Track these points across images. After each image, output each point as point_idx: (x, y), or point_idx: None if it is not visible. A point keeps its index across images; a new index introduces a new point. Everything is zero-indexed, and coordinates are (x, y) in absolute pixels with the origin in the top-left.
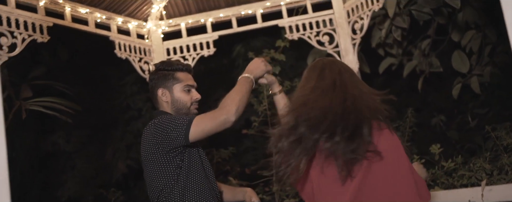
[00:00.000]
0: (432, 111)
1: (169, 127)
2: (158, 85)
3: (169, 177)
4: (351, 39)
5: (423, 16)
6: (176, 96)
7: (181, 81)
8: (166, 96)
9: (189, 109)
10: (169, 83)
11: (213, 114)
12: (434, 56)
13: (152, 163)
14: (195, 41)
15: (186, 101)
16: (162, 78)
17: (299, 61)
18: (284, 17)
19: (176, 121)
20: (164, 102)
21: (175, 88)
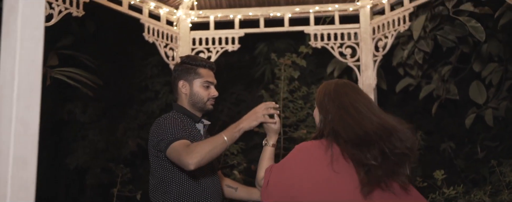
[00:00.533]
0: (443, 136)
1: (159, 134)
2: (180, 77)
3: (166, 170)
4: (373, 56)
5: (447, 43)
6: (195, 90)
7: (202, 77)
8: (185, 88)
9: (205, 104)
10: (190, 77)
11: (183, 152)
12: (453, 83)
13: (152, 156)
14: (221, 35)
15: (203, 96)
16: (185, 71)
17: (319, 68)
18: (311, 25)
19: (166, 132)
20: (183, 94)
21: (195, 83)
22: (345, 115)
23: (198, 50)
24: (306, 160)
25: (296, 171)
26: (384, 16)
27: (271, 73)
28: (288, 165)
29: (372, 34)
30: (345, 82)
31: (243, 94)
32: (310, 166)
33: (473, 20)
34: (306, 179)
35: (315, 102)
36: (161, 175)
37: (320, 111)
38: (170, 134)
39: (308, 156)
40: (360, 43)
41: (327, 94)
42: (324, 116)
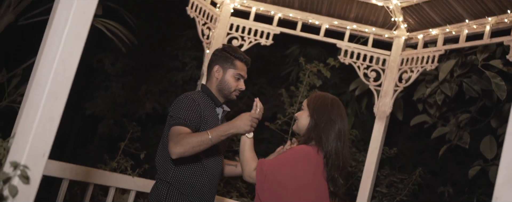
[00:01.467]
0: (445, 179)
1: (174, 110)
2: (217, 61)
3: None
4: (395, 85)
5: (471, 92)
6: (226, 78)
7: (236, 69)
8: (218, 73)
9: (231, 93)
10: (226, 65)
11: (173, 139)
12: (467, 131)
13: (167, 124)
14: (258, 28)
15: (232, 86)
16: (223, 58)
17: (342, 83)
18: (344, 40)
19: (178, 112)
20: (214, 77)
21: (228, 71)
22: (339, 136)
23: (233, 36)
24: (304, 162)
25: (295, 172)
26: (415, 51)
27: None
28: (287, 165)
29: (399, 65)
30: (340, 105)
31: (265, 88)
32: (304, 168)
33: (499, 77)
34: (300, 180)
35: (307, 106)
36: (166, 140)
37: (312, 116)
38: (181, 115)
39: (306, 159)
40: (386, 70)
41: (325, 105)
42: (316, 122)
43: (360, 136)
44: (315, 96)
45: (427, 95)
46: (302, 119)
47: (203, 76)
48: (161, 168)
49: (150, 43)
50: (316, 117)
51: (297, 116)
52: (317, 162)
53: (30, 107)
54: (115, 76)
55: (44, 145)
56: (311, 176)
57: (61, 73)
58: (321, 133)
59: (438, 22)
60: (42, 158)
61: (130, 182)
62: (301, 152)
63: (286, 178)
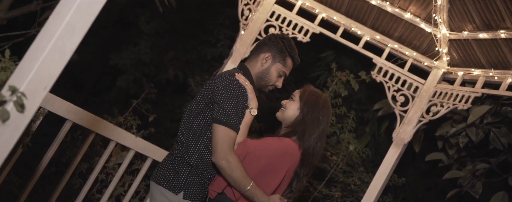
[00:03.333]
0: None
1: (227, 103)
2: (271, 49)
3: (205, 122)
4: (421, 116)
5: (497, 143)
6: (271, 70)
7: (284, 65)
8: (266, 62)
9: (266, 86)
10: (277, 57)
11: (225, 152)
12: (481, 182)
13: (203, 105)
14: (299, 22)
15: (271, 80)
16: (278, 49)
17: (367, 100)
18: (382, 57)
19: (232, 110)
20: (260, 63)
21: (276, 65)
22: (320, 137)
23: (271, 24)
24: (287, 157)
25: (274, 162)
26: (451, 87)
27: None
28: (270, 153)
29: (431, 96)
30: (330, 106)
31: (291, 85)
32: (284, 163)
33: None
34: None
35: (300, 98)
36: (197, 122)
37: (302, 110)
38: (237, 117)
39: (289, 156)
40: (416, 98)
41: (317, 103)
42: (304, 117)
43: (371, 157)
44: (310, 92)
45: (451, 134)
46: (290, 110)
47: (231, 56)
48: (186, 148)
49: (189, 12)
50: (306, 112)
51: (285, 104)
52: (296, 159)
53: (43, 35)
54: (147, 35)
55: (48, 78)
56: (285, 171)
57: (84, 8)
58: (306, 129)
59: (482, 63)
60: (42, 90)
61: (131, 140)
62: (288, 146)
63: (264, 164)
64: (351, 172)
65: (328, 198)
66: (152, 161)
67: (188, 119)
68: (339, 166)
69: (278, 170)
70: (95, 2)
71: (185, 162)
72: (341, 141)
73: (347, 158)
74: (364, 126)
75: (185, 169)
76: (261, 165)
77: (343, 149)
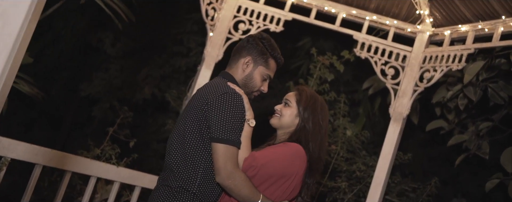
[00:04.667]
0: (458, 190)
1: (223, 119)
2: (250, 53)
3: (201, 141)
4: (415, 85)
5: (496, 99)
6: (254, 74)
7: (268, 68)
8: (248, 67)
9: (252, 92)
10: (259, 60)
11: (230, 170)
12: (487, 141)
13: (195, 121)
14: (269, 12)
15: (256, 85)
16: (258, 52)
17: (355, 81)
18: (362, 32)
19: (231, 125)
20: (241, 69)
21: (259, 68)
22: (323, 140)
23: (240, 19)
24: (298, 163)
25: (285, 168)
26: (441, 48)
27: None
28: (280, 160)
29: (421, 63)
30: (326, 107)
31: (274, 82)
32: (295, 166)
33: None
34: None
35: (297, 104)
36: (194, 143)
37: (302, 117)
38: (234, 131)
39: (299, 159)
40: (406, 68)
41: (316, 107)
42: (305, 125)
43: (370, 138)
44: (306, 96)
45: (448, 99)
46: (287, 116)
47: (204, 61)
48: (185, 175)
49: (154, 25)
50: (306, 119)
51: (280, 111)
52: (305, 163)
53: None
54: (115, 58)
55: None
56: (295, 176)
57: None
58: (309, 136)
59: (468, 18)
60: None
61: (113, 172)
62: (298, 151)
63: (276, 172)
64: (353, 158)
65: (335, 190)
66: (140, 189)
67: (181, 140)
68: (340, 155)
69: (289, 177)
70: (13, 19)
71: (186, 191)
72: (336, 128)
73: (347, 144)
74: (357, 108)
75: (187, 198)
76: (272, 174)
77: (341, 136)
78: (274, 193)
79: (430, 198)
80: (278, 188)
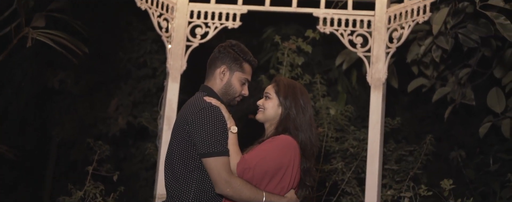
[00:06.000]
0: (453, 143)
1: (206, 134)
2: (224, 61)
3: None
4: (386, 47)
5: (469, 43)
6: (232, 81)
7: (244, 73)
8: (225, 75)
9: (234, 98)
10: (234, 67)
11: (226, 179)
12: (470, 87)
13: (182, 140)
14: (222, 10)
15: (237, 91)
16: (231, 59)
17: (327, 60)
18: (321, 7)
19: (214, 137)
20: (219, 79)
21: (236, 74)
22: (310, 124)
23: (195, 24)
24: (291, 153)
25: (280, 160)
26: (402, 4)
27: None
28: (273, 154)
29: (387, 24)
30: (306, 90)
31: None
32: (288, 157)
33: (502, 17)
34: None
35: (276, 94)
36: (181, 162)
37: (284, 105)
38: (219, 142)
39: (292, 149)
40: (373, 33)
41: (296, 93)
42: (289, 112)
43: (356, 113)
44: (284, 85)
45: (422, 54)
46: (270, 109)
47: (169, 75)
48: (178, 193)
49: (113, 54)
50: (289, 107)
51: (263, 105)
52: (298, 151)
53: None
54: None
55: None
56: (292, 165)
57: None
58: (295, 123)
59: None
60: None
61: None
62: (287, 141)
63: (270, 167)
64: (343, 136)
65: (333, 172)
66: None
67: (170, 161)
68: (329, 136)
69: (287, 168)
70: None
71: None
72: (319, 110)
73: (333, 124)
74: (335, 86)
75: None
76: (266, 170)
77: (325, 117)
78: (276, 187)
79: (428, 157)
80: (279, 181)
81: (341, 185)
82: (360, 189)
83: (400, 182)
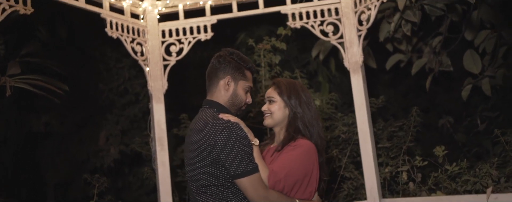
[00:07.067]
0: (440, 112)
1: (235, 154)
2: (227, 72)
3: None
4: (357, 31)
5: (435, 12)
6: (238, 91)
7: (247, 80)
8: (230, 86)
9: (240, 108)
10: (238, 76)
11: (263, 195)
12: (445, 54)
13: (208, 163)
14: (192, 24)
15: (243, 100)
16: (234, 68)
17: (304, 54)
18: (287, 4)
19: (243, 156)
20: (224, 90)
21: (240, 84)
22: (317, 119)
23: (168, 42)
24: (313, 157)
25: (306, 166)
26: None
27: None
28: (299, 162)
29: (354, 8)
30: (306, 88)
31: None
32: (312, 162)
33: None
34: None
35: (280, 96)
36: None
37: (289, 106)
38: (249, 161)
39: (313, 154)
40: (342, 19)
41: (298, 91)
42: (295, 112)
43: (341, 100)
44: (284, 85)
45: (393, 30)
46: (277, 112)
47: (152, 97)
48: None
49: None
50: (294, 106)
51: (268, 110)
52: (316, 153)
53: None
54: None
55: None
56: (317, 170)
57: None
58: (304, 120)
59: None
60: None
61: None
62: (308, 146)
63: (299, 176)
64: (333, 123)
65: (330, 161)
66: None
67: (199, 189)
68: None
69: (312, 172)
70: None
71: None
72: None
73: (321, 114)
74: (316, 77)
75: None
76: (297, 179)
77: None
78: (305, 192)
79: (417, 128)
80: (307, 186)
81: (340, 172)
82: (358, 172)
83: (395, 158)
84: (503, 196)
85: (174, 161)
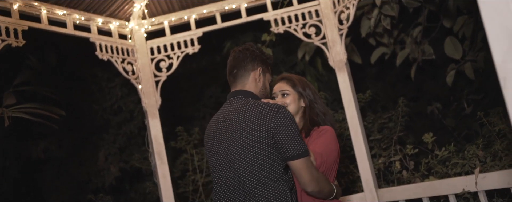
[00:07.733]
0: (428, 99)
1: (294, 137)
2: (257, 64)
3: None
4: (338, 30)
5: (412, 4)
6: (266, 83)
7: (270, 73)
8: (260, 78)
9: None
10: (266, 69)
11: (313, 177)
12: (427, 43)
13: (265, 147)
14: (179, 39)
15: (268, 93)
16: (263, 61)
17: (290, 56)
18: (269, 10)
19: (300, 139)
20: (255, 81)
21: (267, 77)
22: (327, 110)
23: (158, 59)
24: (338, 141)
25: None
26: None
27: None
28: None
29: (333, 8)
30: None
31: (222, 96)
32: (338, 145)
33: None
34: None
35: (294, 89)
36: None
37: (303, 96)
38: (303, 141)
39: (336, 138)
40: (323, 20)
41: (305, 82)
42: (310, 101)
43: (331, 98)
44: (296, 78)
45: (374, 26)
46: (292, 103)
47: (147, 113)
48: (278, 199)
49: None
50: (309, 95)
51: (284, 102)
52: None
53: None
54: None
55: None
56: (340, 152)
57: None
58: (319, 109)
59: None
60: None
61: None
62: (332, 131)
63: (334, 159)
64: None
65: None
66: None
67: (250, 175)
68: None
69: (338, 156)
70: None
71: None
72: None
73: None
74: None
75: None
76: (332, 162)
77: None
78: (331, 175)
79: (406, 118)
80: (335, 170)
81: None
82: (353, 166)
83: (387, 148)
84: (491, 174)
85: (174, 173)
